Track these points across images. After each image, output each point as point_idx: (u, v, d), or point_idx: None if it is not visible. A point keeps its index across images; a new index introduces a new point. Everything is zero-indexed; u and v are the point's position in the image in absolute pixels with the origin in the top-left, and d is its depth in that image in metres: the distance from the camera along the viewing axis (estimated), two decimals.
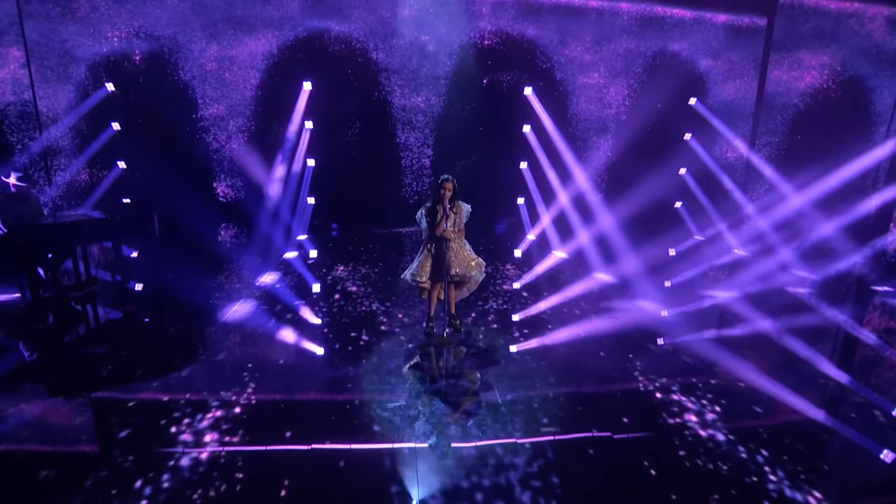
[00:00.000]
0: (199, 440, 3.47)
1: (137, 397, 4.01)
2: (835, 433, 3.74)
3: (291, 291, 6.52)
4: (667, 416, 3.91)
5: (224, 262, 8.09)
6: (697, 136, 10.76)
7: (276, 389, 4.17)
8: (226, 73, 9.66)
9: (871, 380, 4.59)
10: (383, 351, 4.95)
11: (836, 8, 10.20)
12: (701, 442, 3.58)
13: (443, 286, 5.22)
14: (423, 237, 5.15)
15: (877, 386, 4.45)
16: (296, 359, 4.81)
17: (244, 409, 3.88)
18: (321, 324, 5.56)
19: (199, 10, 9.33)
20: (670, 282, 6.93)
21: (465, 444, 3.48)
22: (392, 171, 10.69)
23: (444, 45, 10.21)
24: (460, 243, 5.09)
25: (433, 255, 5.05)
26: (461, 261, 5.05)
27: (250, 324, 5.49)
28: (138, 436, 3.52)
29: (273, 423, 3.69)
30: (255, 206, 9.82)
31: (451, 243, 4.96)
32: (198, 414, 3.78)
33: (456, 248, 5.03)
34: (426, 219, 5.00)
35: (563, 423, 3.77)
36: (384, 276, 7.37)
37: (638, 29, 10.57)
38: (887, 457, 3.42)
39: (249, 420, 3.73)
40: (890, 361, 4.97)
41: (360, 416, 3.81)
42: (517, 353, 4.95)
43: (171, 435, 3.52)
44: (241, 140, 9.90)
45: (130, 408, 3.87)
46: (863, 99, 10.59)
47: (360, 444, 3.45)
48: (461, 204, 5.03)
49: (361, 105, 10.24)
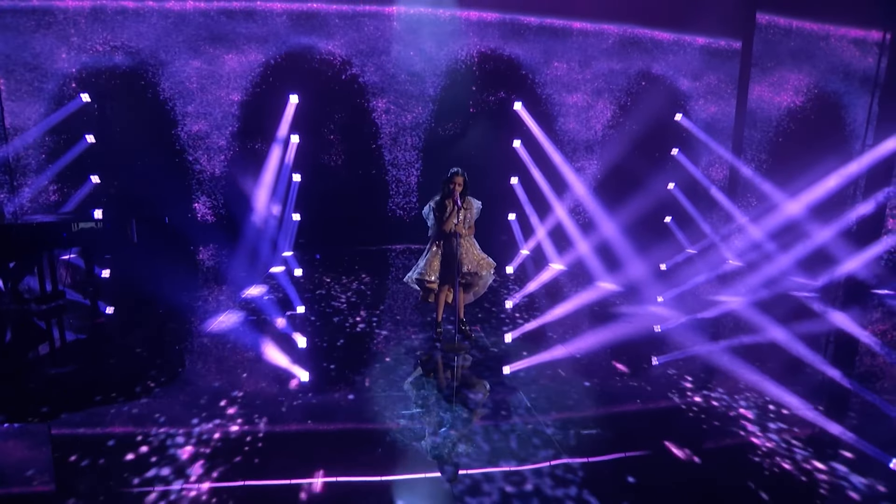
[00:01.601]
0: (177, 476, 2.85)
1: (105, 429, 3.35)
2: None
3: (277, 307, 6.05)
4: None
5: (205, 277, 7.62)
6: (684, 151, 10.87)
7: (267, 414, 3.53)
8: (208, 89, 9.39)
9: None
10: (388, 364, 4.54)
11: (809, 29, 10.60)
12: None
13: (451, 289, 4.90)
14: (429, 234, 4.85)
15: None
16: (284, 380, 4.12)
17: (227, 439, 3.22)
18: (313, 339, 5.09)
19: (181, 26, 9.12)
20: (663, 297, 6.67)
21: (504, 468, 2.98)
22: (379, 190, 10.44)
23: (432, 64, 10.18)
24: (470, 241, 4.81)
25: (442, 253, 4.74)
26: (472, 259, 4.75)
27: (234, 341, 4.94)
28: (104, 472, 2.89)
29: (267, 454, 3.09)
30: (238, 223, 9.39)
31: (461, 239, 4.67)
32: (176, 446, 3.14)
33: (466, 246, 4.74)
34: (434, 214, 4.72)
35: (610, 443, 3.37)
36: (376, 290, 7.00)
37: (621, 50, 10.77)
38: None
39: (234, 451, 3.09)
40: None
41: (372, 441, 3.27)
42: (540, 363, 4.59)
43: (141, 470, 2.89)
44: (224, 156, 9.57)
45: (95, 439, 3.21)
46: (838, 116, 10.90)
47: (374, 475, 2.89)
48: (471, 200, 4.78)
49: (348, 123, 10.05)
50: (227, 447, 3.13)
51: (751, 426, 3.48)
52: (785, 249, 8.64)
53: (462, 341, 4.92)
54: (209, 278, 7.67)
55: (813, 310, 6.36)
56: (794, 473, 2.95)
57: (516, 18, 10.30)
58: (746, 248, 9.25)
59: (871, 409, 3.85)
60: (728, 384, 4.14)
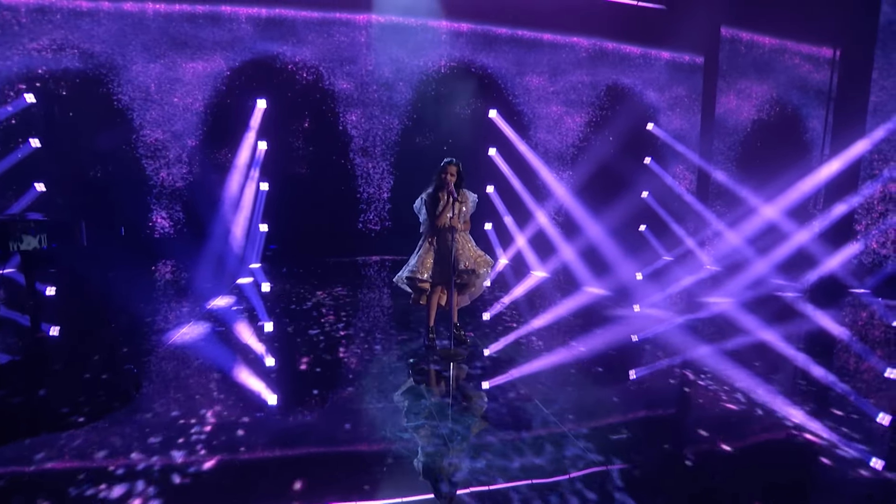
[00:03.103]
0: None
1: (40, 466, 2.64)
2: None
3: (245, 318, 5.52)
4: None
5: (165, 290, 7.02)
6: (657, 160, 11.00)
7: (237, 439, 2.91)
8: (169, 95, 8.90)
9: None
10: (377, 375, 4.13)
11: (769, 44, 11.03)
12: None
13: (444, 290, 4.56)
14: (421, 230, 4.53)
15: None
16: (255, 399, 3.48)
17: (189, 473, 2.60)
18: (287, 353, 4.61)
19: (140, 29, 8.65)
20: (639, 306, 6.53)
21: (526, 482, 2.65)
22: (350, 200, 10.08)
23: (403, 73, 10.02)
24: (466, 237, 4.46)
25: (436, 250, 4.39)
26: (469, 256, 4.40)
27: (196, 357, 4.35)
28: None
29: (238, 487, 2.51)
30: (202, 234, 8.82)
31: (457, 235, 4.34)
32: (126, 479, 2.55)
33: (462, 242, 4.40)
34: (427, 208, 4.38)
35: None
36: (353, 301, 6.58)
37: (591, 62, 10.92)
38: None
39: (197, 486, 2.49)
40: None
41: (369, 463, 2.87)
42: (546, 368, 4.28)
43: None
44: (186, 165, 9.04)
45: (29, 477, 2.55)
46: (798, 127, 11.31)
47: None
48: (467, 192, 4.45)
49: (318, 132, 9.72)
50: (188, 481, 2.59)
51: (776, 422, 3.28)
52: (761, 253, 8.75)
53: (457, 347, 4.55)
54: (170, 291, 7.06)
55: (801, 310, 6.35)
56: (839, 469, 2.76)
57: (488, 29, 10.30)
58: (723, 254, 9.34)
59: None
60: (730, 378, 3.96)
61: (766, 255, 8.60)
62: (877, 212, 8.78)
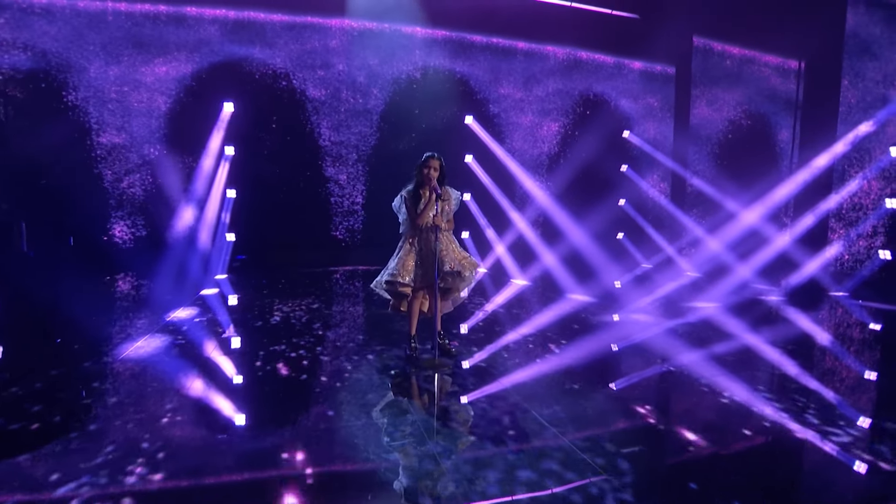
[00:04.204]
0: None
1: None
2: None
3: (209, 332, 5.07)
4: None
5: (121, 302, 6.50)
6: (633, 168, 11.00)
7: (200, 466, 2.55)
8: (129, 97, 8.42)
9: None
10: (355, 389, 3.80)
11: (739, 54, 11.22)
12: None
13: (426, 295, 4.27)
14: (401, 230, 4.23)
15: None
16: (220, 420, 3.09)
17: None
18: (255, 368, 4.18)
19: (98, 28, 8.19)
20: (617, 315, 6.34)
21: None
22: (321, 209, 9.72)
23: (376, 79, 9.78)
24: (450, 237, 4.17)
25: (418, 252, 4.08)
26: (453, 257, 4.10)
27: (152, 373, 3.89)
28: None
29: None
30: (164, 244, 8.32)
31: (440, 234, 4.04)
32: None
33: (446, 242, 4.10)
34: (406, 206, 4.07)
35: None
36: (325, 312, 6.20)
37: (565, 71, 10.89)
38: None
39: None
40: None
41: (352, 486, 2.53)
42: (539, 377, 3.99)
43: None
44: (148, 171, 8.55)
45: None
46: (768, 135, 11.50)
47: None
48: (449, 189, 4.17)
49: (288, 137, 9.36)
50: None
51: (776, 422, 3.10)
52: (741, 258, 8.76)
53: (442, 357, 4.21)
54: (126, 303, 6.54)
55: (785, 313, 6.29)
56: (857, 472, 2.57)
57: (463, 36, 10.17)
58: (703, 260, 9.31)
59: None
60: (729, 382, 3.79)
61: (746, 260, 8.61)
62: (849, 218, 8.91)
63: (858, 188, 8.81)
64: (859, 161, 9.01)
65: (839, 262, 8.80)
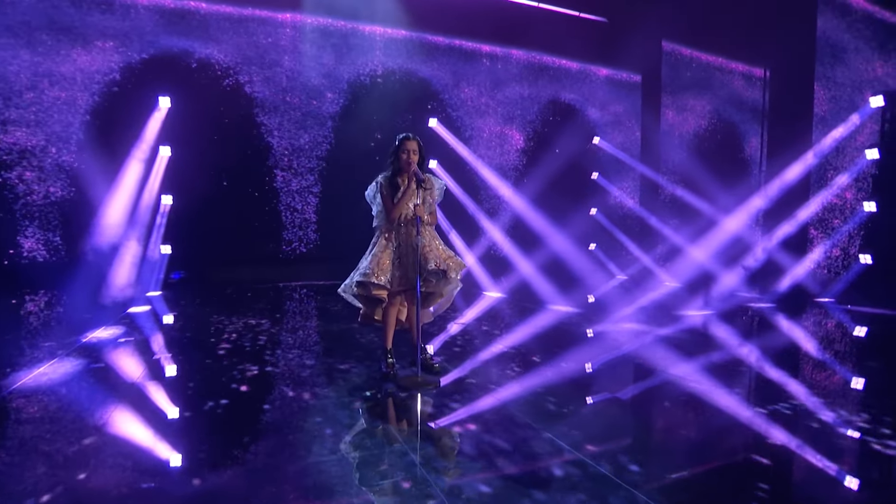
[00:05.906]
0: None
1: None
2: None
3: (136, 354, 4.12)
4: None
5: (27, 323, 5.38)
6: (604, 175, 10.71)
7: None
8: (45, 89, 7.34)
9: None
10: (322, 415, 3.02)
11: (706, 60, 11.24)
12: None
13: (404, 301, 3.57)
14: (374, 224, 3.54)
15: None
16: (147, 463, 2.34)
17: None
18: (196, 398, 3.27)
19: (4, 8, 7.10)
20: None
21: None
22: (270, 219, 8.82)
23: (332, 80, 9.07)
24: (432, 233, 3.50)
25: (395, 248, 3.38)
26: (437, 255, 3.41)
27: (61, 403, 3.03)
28: None
29: None
30: (83, 258, 7.19)
31: (422, 227, 3.35)
32: None
33: (429, 238, 3.42)
34: (382, 196, 3.38)
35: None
36: (278, 331, 5.30)
37: (531, 76, 10.58)
38: None
39: None
40: None
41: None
42: (541, 390, 3.36)
43: None
44: (65, 174, 7.42)
45: None
46: (737, 142, 11.51)
47: None
48: (432, 177, 3.50)
49: (233, 141, 8.44)
50: None
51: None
52: (725, 266, 8.57)
53: (426, 375, 3.45)
54: (32, 323, 5.42)
55: (774, 320, 6.04)
56: None
57: (423, 37, 9.67)
58: (681, 269, 9.01)
59: None
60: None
61: (729, 268, 8.46)
62: (829, 225, 8.87)
63: (834, 194, 8.81)
64: (835, 167, 9.03)
65: (825, 267, 8.77)
